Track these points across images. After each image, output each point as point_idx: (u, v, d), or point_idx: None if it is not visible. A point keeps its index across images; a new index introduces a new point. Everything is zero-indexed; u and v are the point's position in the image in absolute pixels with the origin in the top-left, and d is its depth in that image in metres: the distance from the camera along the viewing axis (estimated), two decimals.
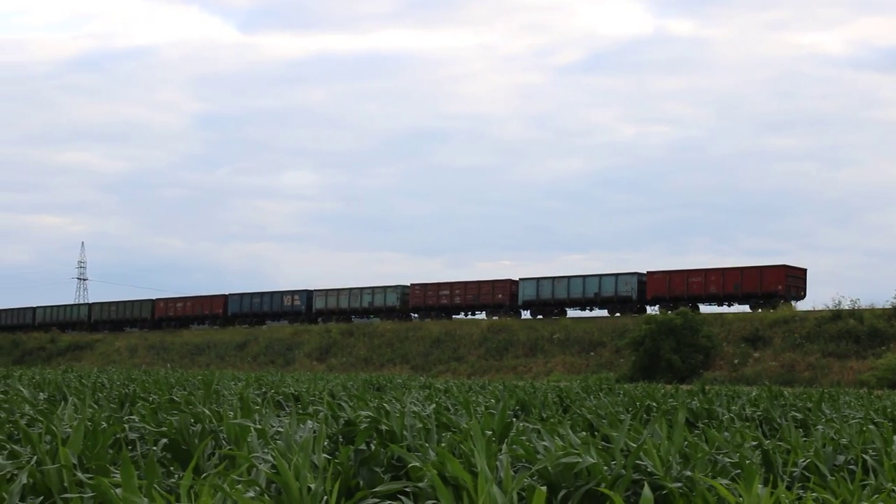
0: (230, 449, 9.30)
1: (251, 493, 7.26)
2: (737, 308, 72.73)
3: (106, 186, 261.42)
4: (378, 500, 8.13)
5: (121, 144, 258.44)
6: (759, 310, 69.57)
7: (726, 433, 11.83)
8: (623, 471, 8.33)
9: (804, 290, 71.52)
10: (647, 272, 75.62)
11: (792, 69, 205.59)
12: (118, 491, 6.80)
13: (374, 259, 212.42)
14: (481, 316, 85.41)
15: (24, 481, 7.40)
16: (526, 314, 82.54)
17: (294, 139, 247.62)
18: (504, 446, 9.39)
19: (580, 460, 8.25)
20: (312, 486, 7.20)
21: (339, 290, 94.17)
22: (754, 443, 10.68)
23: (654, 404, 17.79)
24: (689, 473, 8.55)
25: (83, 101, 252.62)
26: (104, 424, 9.96)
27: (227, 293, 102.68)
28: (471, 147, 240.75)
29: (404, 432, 10.25)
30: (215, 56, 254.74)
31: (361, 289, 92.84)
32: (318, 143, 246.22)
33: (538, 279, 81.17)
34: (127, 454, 6.93)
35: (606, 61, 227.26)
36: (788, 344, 62.09)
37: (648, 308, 75.73)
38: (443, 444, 9.58)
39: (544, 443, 9.34)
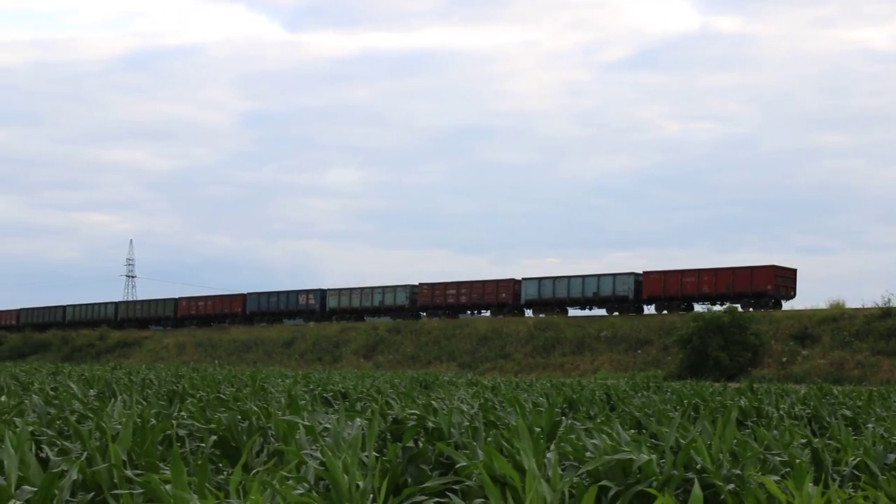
0: (279, 445, 9.32)
1: (300, 490, 7.27)
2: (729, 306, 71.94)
3: (154, 184, 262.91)
4: (426, 497, 8.12)
5: (168, 143, 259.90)
6: (751, 309, 70.40)
7: (775, 431, 11.76)
8: (674, 470, 8.29)
9: (794, 289, 72.83)
10: (644, 272, 77.18)
11: (839, 65, 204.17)
12: (168, 487, 6.82)
13: (421, 257, 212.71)
14: (486, 314, 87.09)
15: (75, 477, 7.44)
16: (529, 313, 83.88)
17: (339, 137, 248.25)
18: (553, 444, 9.36)
19: (633, 458, 8.21)
20: (361, 483, 7.20)
21: (351, 290, 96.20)
22: (804, 441, 10.61)
23: (702, 402, 17.70)
24: (738, 472, 8.50)
25: (131, 99, 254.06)
26: (153, 421, 10.01)
27: (245, 292, 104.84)
28: (517, 144, 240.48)
29: (452, 430, 10.24)
30: (261, 54, 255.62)
31: (372, 288, 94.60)
32: (364, 141, 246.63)
33: (540, 279, 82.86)
34: (177, 451, 6.94)
35: (653, 58, 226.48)
36: (837, 342, 61.55)
37: (645, 307, 77.65)
38: (490, 442, 9.56)
39: (594, 441, 9.30)
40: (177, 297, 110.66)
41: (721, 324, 61.97)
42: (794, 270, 73.85)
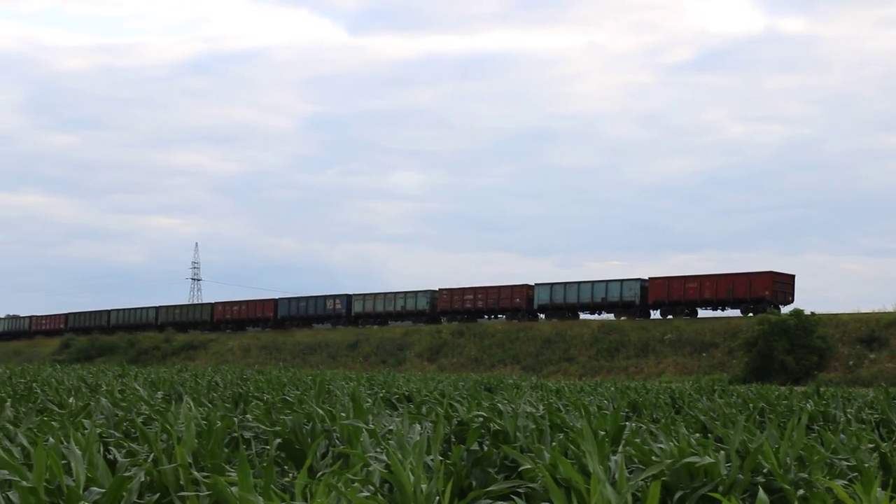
0: (344, 448, 9.34)
1: (365, 493, 7.28)
2: (729, 312, 76.02)
3: (219, 188, 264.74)
4: (490, 500, 8.11)
5: (233, 146, 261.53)
6: (750, 314, 72.12)
7: (843, 436, 11.65)
8: (740, 474, 8.24)
9: (792, 295, 74.33)
10: (650, 278, 79.29)
11: None
12: (234, 489, 6.85)
13: (484, 260, 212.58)
14: (502, 318, 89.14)
15: (142, 479, 7.49)
16: (541, 317, 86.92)
17: (402, 140, 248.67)
18: (619, 448, 9.33)
19: (699, 460, 8.16)
20: (425, 485, 7.20)
21: (375, 295, 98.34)
22: (871, 445, 10.50)
23: (768, 406, 17.56)
24: (805, 476, 8.43)
25: (196, 103, 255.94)
26: (218, 423, 10.06)
27: (277, 297, 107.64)
28: (580, 147, 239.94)
29: (517, 433, 10.22)
30: (325, 58, 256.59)
31: (395, 293, 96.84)
32: (427, 144, 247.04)
33: (552, 284, 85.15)
34: (243, 453, 6.98)
35: (716, 60, 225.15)
36: None
37: (651, 312, 79.50)
38: (555, 446, 9.54)
39: (660, 444, 9.26)
40: (213, 301, 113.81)
41: (787, 327, 61.52)
42: (793, 276, 75.60)
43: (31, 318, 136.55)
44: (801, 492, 8.15)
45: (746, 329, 65.15)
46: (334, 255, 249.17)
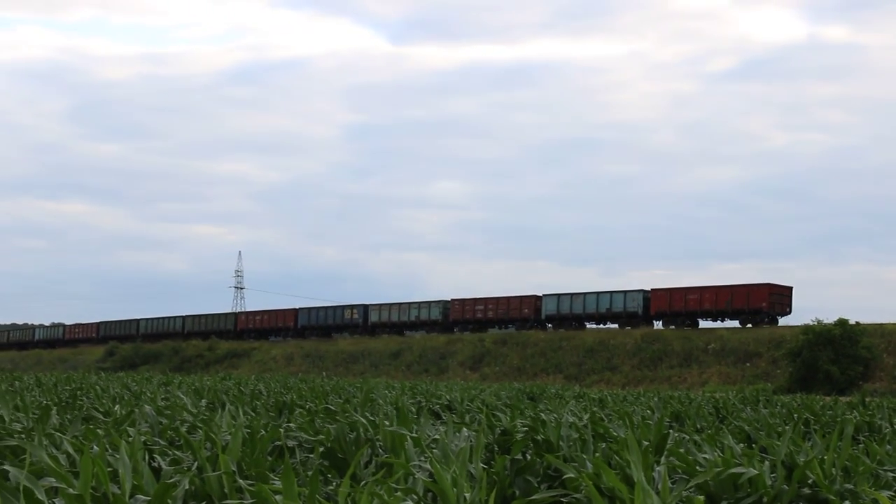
0: (387, 457, 9.35)
1: (408, 501, 7.29)
2: (728, 323, 77.72)
3: (261, 196, 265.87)
4: None
5: (276, 155, 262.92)
6: (749, 325, 74.75)
7: (888, 446, 11.57)
8: (785, 485, 8.20)
9: (789, 306, 76.39)
10: (652, 290, 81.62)
11: None
12: (278, 498, 6.87)
13: (527, 268, 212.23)
14: (511, 328, 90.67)
15: (187, 487, 7.52)
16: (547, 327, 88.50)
17: (444, 149, 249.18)
18: (662, 458, 9.30)
19: (744, 471, 8.12)
20: (468, 494, 7.20)
21: (391, 305, 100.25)
22: None
23: (813, 417, 17.45)
24: (851, 487, 8.39)
25: (239, 112, 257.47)
26: (262, 432, 10.09)
27: (297, 307, 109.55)
28: (623, 156, 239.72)
29: (560, 442, 10.21)
30: (367, 67, 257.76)
31: (409, 303, 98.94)
32: (468, 153, 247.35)
33: (559, 295, 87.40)
34: (288, 461, 7.00)
35: (759, 68, 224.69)
36: None
37: (654, 323, 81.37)
38: (598, 455, 9.52)
39: (704, 454, 9.23)
40: (236, 311, 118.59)
41: (832, 336, 61.07)
42: (790, 288, 77.39)
43: (65, 326, 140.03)
44: (846, 503, 8.11)
45: (791, 339, 64.74)
46: (377, 263, 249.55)
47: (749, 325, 74.92)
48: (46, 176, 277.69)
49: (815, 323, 64.07)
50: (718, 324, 77.97)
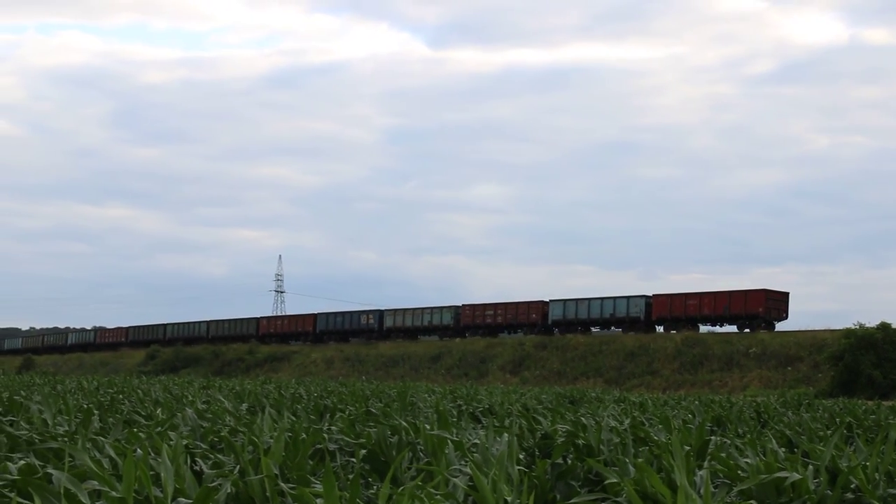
0: (427, 462, 9.35)
1: None
2: (727, 328, 79.58)
3: (300, 200, 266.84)
4: None
5: (314, 159, 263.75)
6: (746, 329, 76.52)
7: None
8: (829, 489, 8.15)
9: (786, 312, 78.42)
10: (653, 295, 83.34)
11: None
12: (319, 501, 6.88)
13: (566, 272, 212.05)
14: (520, 334, 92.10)
15: (229, 490, 7.54)
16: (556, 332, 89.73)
17: (483, 152, 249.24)
18: (705, 462, 9.26)
19: (789, 475, 8.08)
20: (509, 498, 7.19)
21: (405, 310, 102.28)
22: None
23: (855, 421, 17.35)
24: (894, 492, 8.34)
25: (278, 116, 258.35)
26: (303, 435, 10.11)
27: (316, 312, 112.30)
28: (661, 159, 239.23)
29: (601, 446, 10.18)
30: (405, 71, 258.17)
31: (423, 309, 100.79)
32: (507, 156, 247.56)
33: (564, 301, 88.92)
34: (330, 465, 7.00)
35: (799, 71, 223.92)
36: None
37: (656, 328, 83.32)
38: (640, 459, 9.49)
39: (746, 459, 9.18)
40: (258, 316, 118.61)
41: (874, 340, 60.54)
42: (786, 294, 79.79)
43: (96, 330, 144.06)
44: None
45: (832, 343, 64.29)
46: (416, 267, 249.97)
47: (747, 330, 76.59)
48: (87, 180, 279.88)
49: (857, 327, 63.62)
50: (747, 329, 77.72)
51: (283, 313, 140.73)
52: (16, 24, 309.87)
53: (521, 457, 9.85)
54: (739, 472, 8.78)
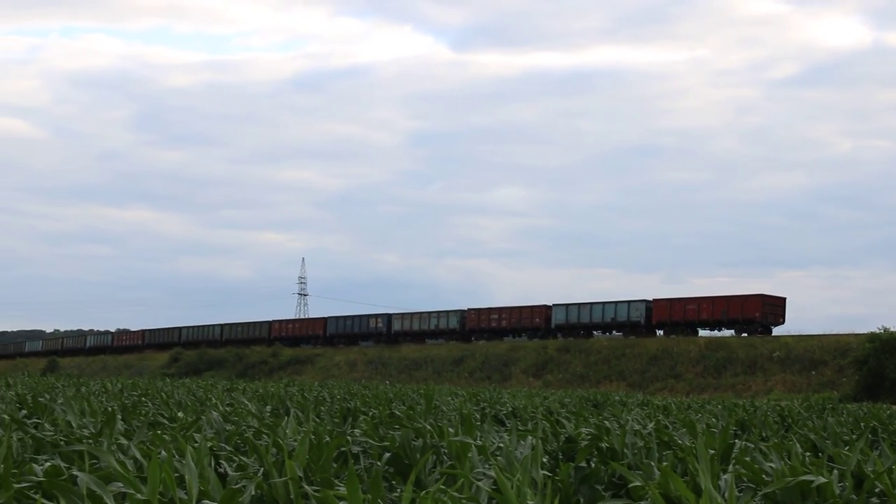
0: (450, 465, 9.35)
1: None
2: (725, 332, 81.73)
3: (324, 203, 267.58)
4: None
5: (338, 162, 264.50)
6: (744, 334, 78.25)
7: None
8: (854, 494, 8.12)
9: (783, 316, 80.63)
10: (654, 300, 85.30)
11: None
12: None
13: (590, 275, 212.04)
14: (524, 338, 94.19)
15: (253, 493, 7.55)
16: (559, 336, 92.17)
17: (505, 155, 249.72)
18: (730, 466, 9.24)
19: (814, 478, 8.05)
20: (532, 502, 7.18)
21: (412, 314, 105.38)
22: None
23: (880, 426, 17.28)
24: None
25: (301, 119, 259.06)
26: (327, 438, 10.12)
27: (327, 316, 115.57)
28: (684, 163, 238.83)
29: (625, 450, 10.17)
30: (428, 74, 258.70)
31: (429, 313, 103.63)
32: (530, 159, 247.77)
33: (567, 305, 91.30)
34: (352, 467, 7.01)
35: (823, 75, 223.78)
36: None
37: (656, 332, 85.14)
38: (664, 463, 9.47)
39: (770, 463, 9.16)
40: (270, 319, 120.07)
41: None
42: (784, 299, 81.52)
43: (112, 333, 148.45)
44: None
45: (857, 347, 64.08)
46: (439, 270, 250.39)
47: (745, 334, 78.18)
48: (111, 183, 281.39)
49: (882, 331, 63.41)
50: (777, 331, 77.94)
51: (308, 316, 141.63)
52: (40, 27, 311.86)
53: (544, 460, 9.84)
54: (764, 476, 8.75)
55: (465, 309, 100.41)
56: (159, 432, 11.00)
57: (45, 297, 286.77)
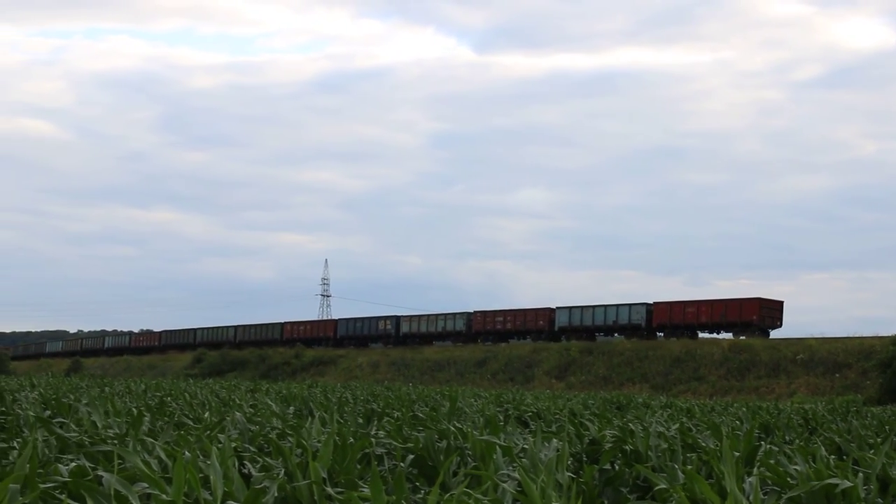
0: (474, 467, 9.34)
1: None
2: (724, 335, 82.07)
3: (346, 205, 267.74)
4: None
5: (360, 163, 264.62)
6: (742, 337, 78.48)
7: None
8: (880, 499, 8.09)
9: (780, 320, 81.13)
10: (654, 303, 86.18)
11: None
12: None
13: (612, 277, 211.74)
14: (528, 340, 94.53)
15: (276, 494, 7.56)
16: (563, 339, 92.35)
17: (527, 157, 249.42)
18: (754, 469, 9.21)
19: (839, 482, 8.02)
20: None
21: (420, 316, 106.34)
22: None
23: None
24: None
25: (324, 121, 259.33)
26: (351, 439, 10.12)
27: (336, 318, 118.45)
28: (708, 164, 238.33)
29: (649, 452, 10.15)
30: (450, 76, 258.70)
31: (437, 315, 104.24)
32: (552, 161, 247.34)
33: (570, 308, 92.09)
34: (376, 469, 7.01)
35: (847, 76, 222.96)
36: None
37: (657, 334, 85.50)
38: (689, 466, 9.44)
39: (795, 466, 9.13)
40: (282, 321, 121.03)
41: None
42: (781, 303, 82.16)
43: (131, 334, 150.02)
44: None
45: (881, 349, 63.77)
46: (460, 272, 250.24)
47: (742, 337, 78.43)
48: (134, 184, 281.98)
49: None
50: (804, 332, 77.71)
51: (330, 317, 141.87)
52: (64, 28, 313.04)
53: (568, 462, 9.84)
54: (789, 479, 8.73)
55: (472, 311, 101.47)
56: (184, 433, 11.03)
57: (69, 297, 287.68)
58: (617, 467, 9.56)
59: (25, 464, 7.39)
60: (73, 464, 8.22)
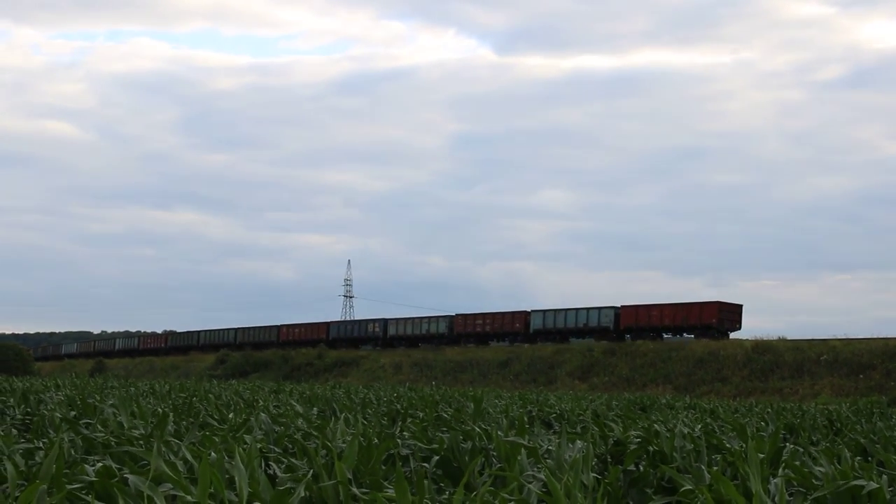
0: (499, 468, 9.34)
1: None
2: (685, 337, 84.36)
3: (368, 205, 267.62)
4: None
5: (382, 164, 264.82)
6: (704, 339, 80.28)
7: None
8: None
9: (739, 322, 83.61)
10: (622, 306, 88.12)
11: None
12: None
13: (634, 278, 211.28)
14: (506, 342, 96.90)
15: (302, 494, 7.57)
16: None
17: (549, 158, 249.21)
18: (779, 470, 9.18)
19: (865, 484, 8.00)
20: None
21: (405, 320, 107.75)
22: None
23: None
24: None
25: (346, 122, 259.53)
26: (376, 440, 10.13)
27: (329, 321, 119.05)
28: (729, 165, 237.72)
29: (674, 453, 10.13)
30: (473, 77, 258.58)
31: (421, 318, 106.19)
32: (574, 163, 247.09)
33: (544, 311, 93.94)
34: (400, 470, 7.02)
35: (870, 77, 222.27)
36: None
37: (625, 337, 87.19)
38: (714, 467, 9.42)
39: (820, 467, 9.10)
40: (279, 324, 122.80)
41: None
42: (740, 306, 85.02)
43: (139, 336, 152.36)
44: None
45: None
46: (483, 272, 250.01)
47: (704, 339, 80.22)
48: (157, 185, 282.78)
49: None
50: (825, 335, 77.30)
51: (353, 318, 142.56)
52: (86, 30, 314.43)
53: (593, 463, 9.83)
54: (814, 480, 8.70)
55: (454, 314, 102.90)
56: (209, 433, 11.06)
57: (91, 298, 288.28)
58: (642, 468, 9.54)
59: (52, 464, 7.42)
60: (100, 464, 8.24)
